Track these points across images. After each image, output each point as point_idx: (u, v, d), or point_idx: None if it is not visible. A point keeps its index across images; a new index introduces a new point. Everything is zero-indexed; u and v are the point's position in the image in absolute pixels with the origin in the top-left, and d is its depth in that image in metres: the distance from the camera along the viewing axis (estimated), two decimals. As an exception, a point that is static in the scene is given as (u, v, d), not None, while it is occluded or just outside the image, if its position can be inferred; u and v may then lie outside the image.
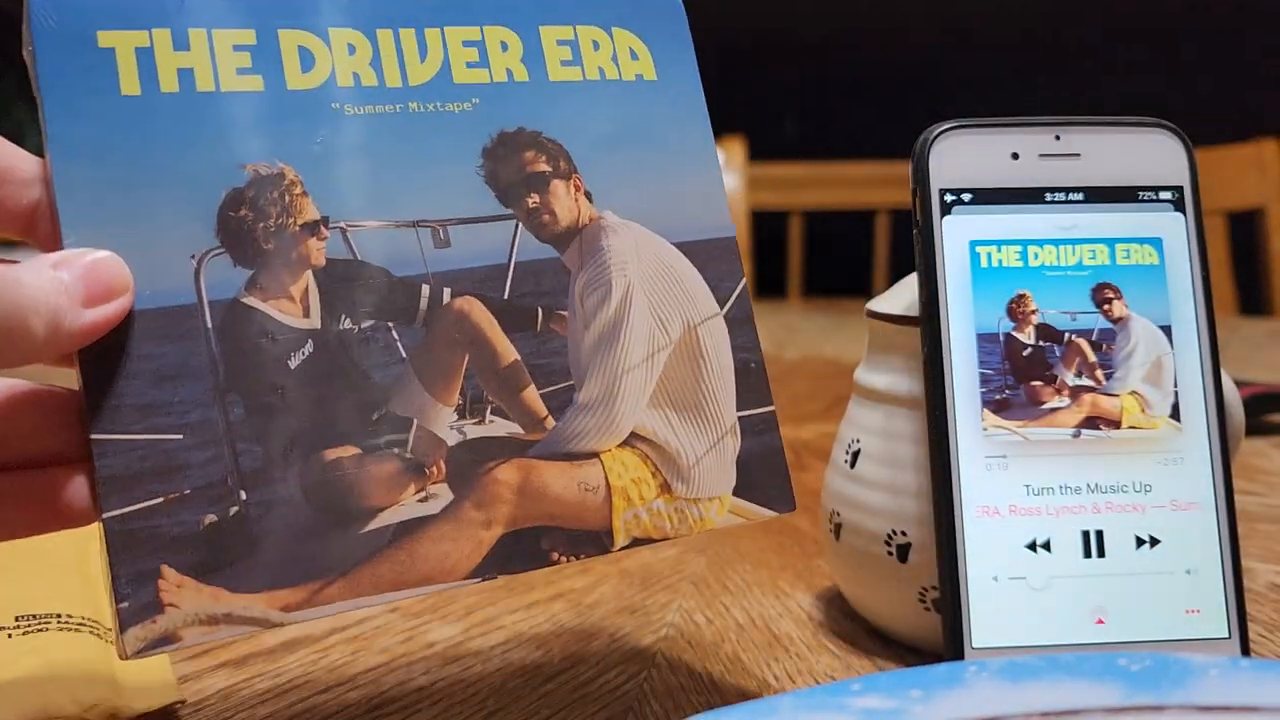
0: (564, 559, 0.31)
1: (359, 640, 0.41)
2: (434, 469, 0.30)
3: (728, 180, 1.81)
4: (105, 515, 0.27)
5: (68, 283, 0.26)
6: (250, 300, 0.29)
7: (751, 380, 0.35)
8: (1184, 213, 0.37)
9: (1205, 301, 0.36)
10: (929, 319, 0.35)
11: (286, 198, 0.30)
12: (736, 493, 0.34)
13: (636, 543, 0.32)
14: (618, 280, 0.33)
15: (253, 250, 0.29)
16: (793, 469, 0.68)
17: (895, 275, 0.44)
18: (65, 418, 0.29)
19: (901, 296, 0.40)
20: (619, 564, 0.50)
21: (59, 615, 0.37)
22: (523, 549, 0.31)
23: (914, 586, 0.38)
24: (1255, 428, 0.74)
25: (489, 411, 0.32)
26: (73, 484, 0.28)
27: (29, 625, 0.36)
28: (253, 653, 0.40)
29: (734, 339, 0.35)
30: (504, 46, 0.33)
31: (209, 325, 0.29)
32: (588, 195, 0.33)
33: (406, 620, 0.43)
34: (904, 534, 0.38)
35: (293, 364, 0.29)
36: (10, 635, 0.36)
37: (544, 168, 0.33)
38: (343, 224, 0.30)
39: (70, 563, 0.43)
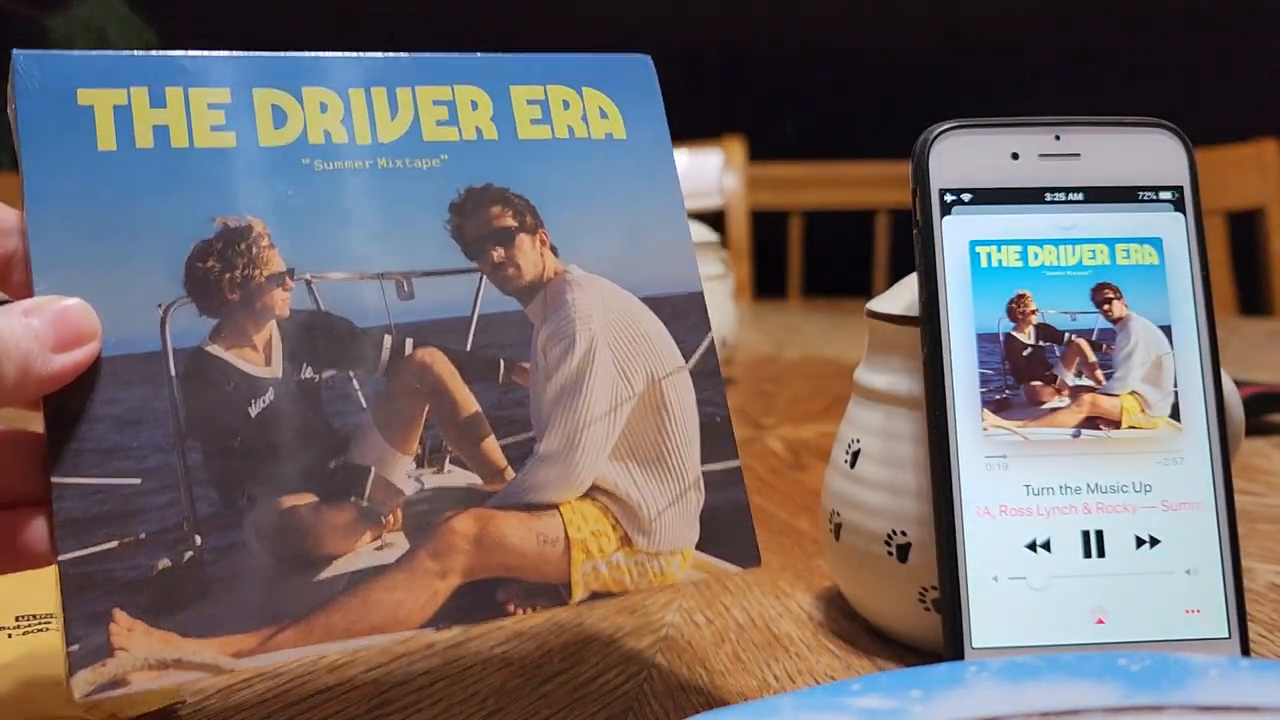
0: (520, 611, 0.31)
1: (359, 640, 0.41)
2: (390, 517, 0.31)
3: (728, 180, 1.81)
4: (60, 558, 0.27)
5: (38, 329, 0.26)
6: (214, 349, 0.30)
7: (717, 434, 0.35)
8: (1184, 213, 0.37)
9: (1205, 301, 0.36)
10: (929, 319, 0.35)
11: (254, 250, 0.30)
12: (700, 547, 0.34)
13: (595, 596, 0.32)
14: (581, 333, 0.34)
15: (218, 300, 0.30)
16: (792, 469, 0.68)
17: (895, 275, 0.44)
18: (31, 460, 0.29)
19: (901, 296, 0.40)
20: (619, 564, 0.50)
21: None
22: (478, 600, 0.31)
23: (914, 586, 0.38)
24: (1255, 428, 0.74)
25: (448, 461, 0.32)
26: (33, 525, 0.29)
27: (29, 625, 0.36)
28: (253, 653, 0.40)
29: (700, 393, 0.35)
30: (474, 105, 0.34)
31: (172, 372, 0.29)
32: (554, 250, 0.34)
33: (406, 620, 0.43)
34: (904, 534, 0.38)
35: (253, 411, 0.30)
36: (10, 635, 0.36)
37: (510, 223, 0.34)
38: (308, 275, 0.31)
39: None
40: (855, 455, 0.40)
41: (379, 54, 0.33)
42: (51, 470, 0.27)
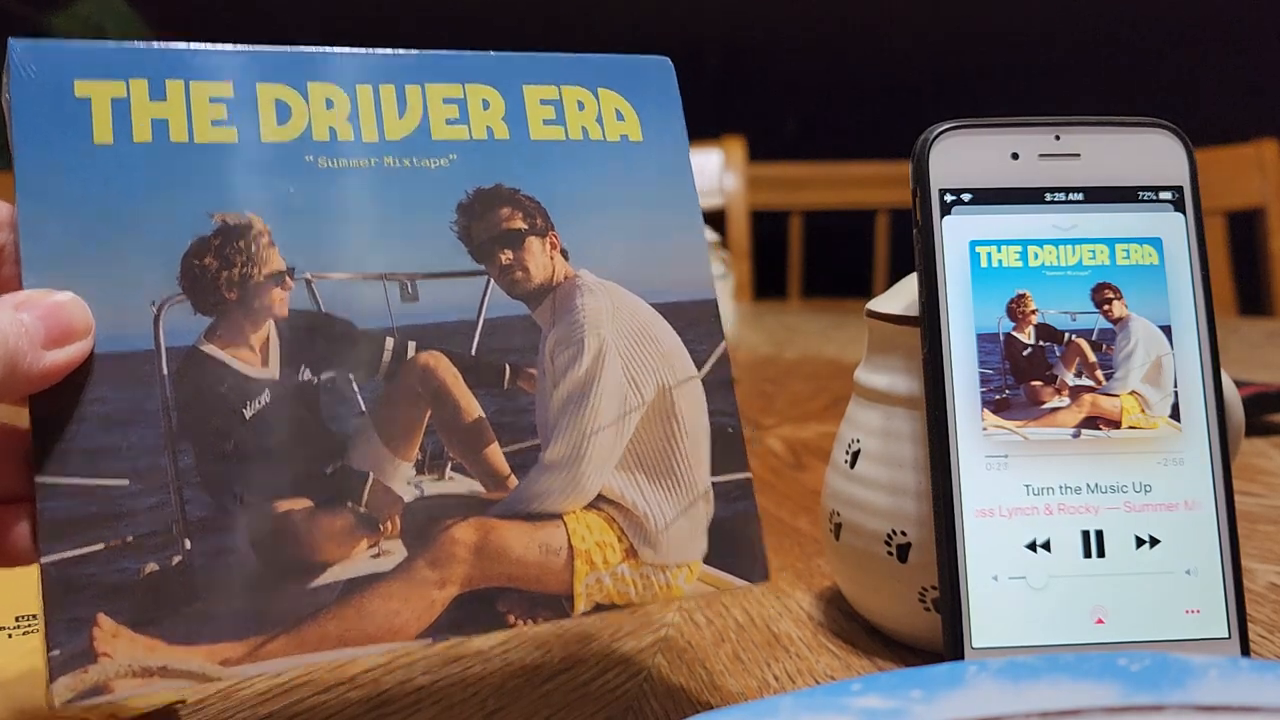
0: (520, 623, 0.30)
1: (359, 640, 0.41)
2: (388, 524, 0.30)
3: (728, 180, 1.81)
4: (43, 560, 0.26)
5: (28, 324, 0.26)
6: (208, 348, 0.29)
7: (728, 445, 0.34)
8: (1184, 213, 0.37)
9: (1205, 301, 0.36)
10: (929, 319, 0.35)
11: (253, 248, 0.30)
12: (708, 560, 0.33)
13: (599, 608, 0.32)
14: (590, 339, 0.33)
15: (214, 299, 0.29)
16: (793, 469, 0.68)
17: (895, 275, 0.44)
18: (14, 456, 0.28)
19: (901, 296, 0.40)
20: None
21: (59, 615, 0.37)
22: (477, 610, 0.30)
23: (914, 586, 0.38)
24: (1255, 428, 0.74)
25: (449, 468, 0.31)
26: (21, 524, 0.28)
27: (29, 625, 0.36)
28: (253, 653, 0.40)
29: (711, 403, 0.34)
30: (485, 104, 0.33)
31: (165, 371, 0.28)
32: (564, 253, 0.33)
33: (406, 620, 0.43)
34: (904, 534, 0.38)
35: (248, 413, 0.29)
36: (10, 635, 0.36)
37: (520, 225, 0.33)
38: (308, 275, 0.30)
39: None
40: (855, 455, 0.40)
41: (388, 50, 0.33)
42: (36, 469, 0.27)
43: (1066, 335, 0.36)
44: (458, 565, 0.30)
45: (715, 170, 1.82)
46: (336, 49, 0.32)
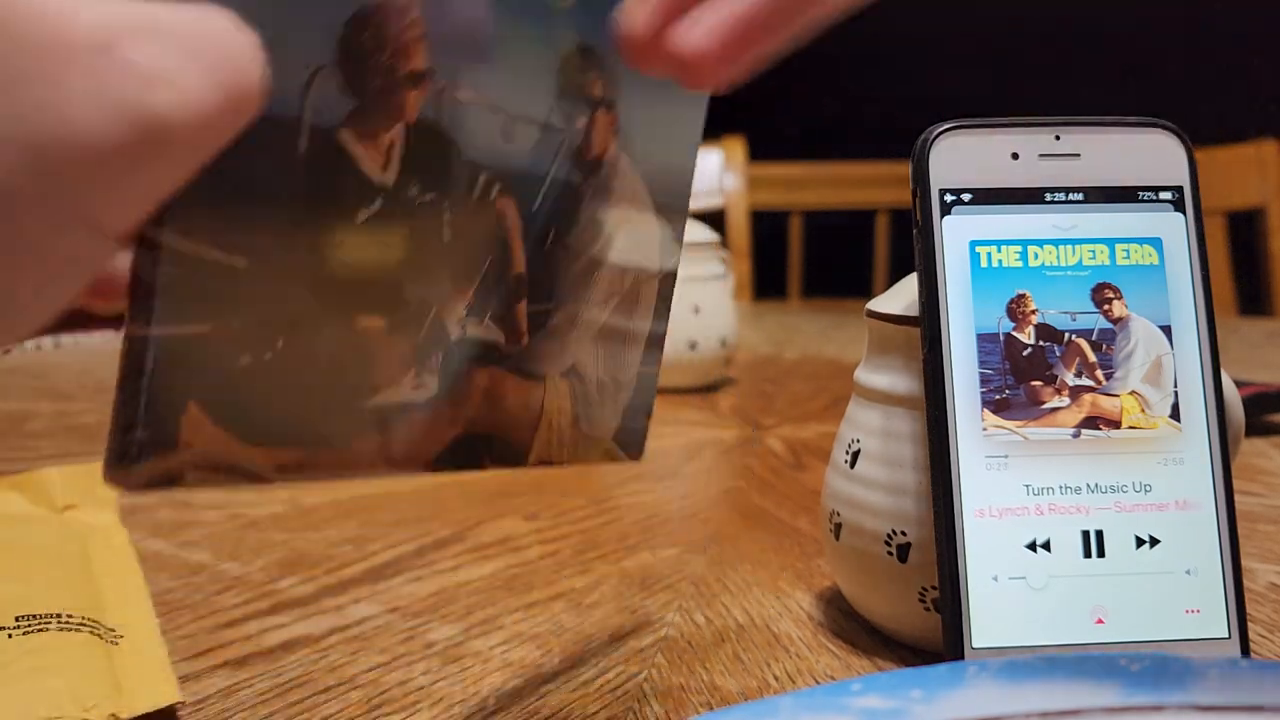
0: (490, 467, 0.32)
1: (359, 640, 0.41)
2: (433, 359, 0.30)
3: (728, 180, 1.81)
4: (153, 331, 0.23)
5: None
6: (345, 136, 0.26)
7: (653, 344, 0.37)
8: (1184, 213, 0.37)
9: (1205, 301, 0.36)
10: (929, 319, 0.35)
11: (405, 36, 0.27)
12: (613, 437, 0.36)
13: (540, 463, 0.34)
14: (610, 224, 0.34)
15: (361, 82, 0.26)
16: (793, 469, 0.68)
17: (895, 275, 0.44)
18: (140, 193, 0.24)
19: (901, 296, 0.40)
20: (619, 564, 0.50)
21: (59, 615, 0.37)
22: (465, 451, 0.31)
23: (914, 586, 0.38)
24: (1255, 428, 0.74)
25: (488, 316, 0.31)
26: (114, 266, 0.24)
27: (29, 625, 0.36)
28: (253, 653, 0.40)
29: (656, 306, 0.36)
30: None
31: (302, 150, 0.25)
32: (616, 133, 0.33)
33: (406, 620, 0.43)
34: (904, 534, 0.38)
35: (359, 218, 0.27)
36: (10, 635, 0.36)
37: (600, 93, 0.32)
38: (443, 84, 0.28)
39: (70, 562, 0.43)
40: (855, 455, 0.40)
41: None
42: (161, 222, 0.23)
43: (1066, 335, 0.36)
44: (469, 407, 0.31)
45: (715, 170, 1.82)
46: None
